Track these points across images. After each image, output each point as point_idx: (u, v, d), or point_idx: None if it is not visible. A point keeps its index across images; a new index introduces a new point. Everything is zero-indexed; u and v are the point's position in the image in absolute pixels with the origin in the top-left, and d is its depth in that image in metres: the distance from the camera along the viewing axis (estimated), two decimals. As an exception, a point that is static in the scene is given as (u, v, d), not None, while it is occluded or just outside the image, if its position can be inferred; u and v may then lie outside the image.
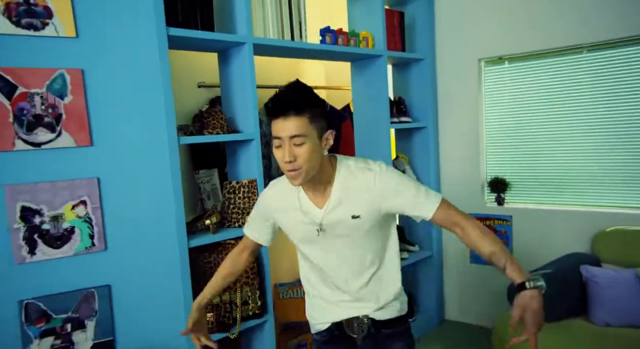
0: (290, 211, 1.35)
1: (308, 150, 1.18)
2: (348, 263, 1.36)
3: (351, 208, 1.29)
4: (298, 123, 1.17)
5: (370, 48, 2.67)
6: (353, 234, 1.32)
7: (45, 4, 1.59)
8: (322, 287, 1.43)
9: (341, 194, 1.30)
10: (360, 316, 1.39)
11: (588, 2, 2.56)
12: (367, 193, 1.28)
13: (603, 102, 2.63)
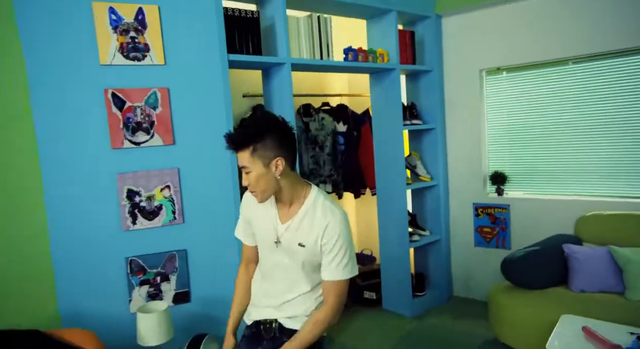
0: (263, 218, 1.56)
1: (254, 177, 1.41)
2: (286, 279, 1.55)
3: (302, 236, 1.48)
4: (242, 156, 1.41)
5: (385, 63, 3.19)
6: (296, 256, 1.50)
7: (145, 42, 2.19)
8: (260, 283, 1.65)
9: (302, 221, 1.48)
10: (274, 318, 1.59)
11: (570, 23, 3.03)
12: (318, 229, 1.46)
13: (587, 109, 3.09)
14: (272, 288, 1.60)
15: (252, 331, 1.65)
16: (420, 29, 3.53)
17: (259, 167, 1.41)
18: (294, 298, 1.56)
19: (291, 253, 1.52)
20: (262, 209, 1.56)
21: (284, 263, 1.55)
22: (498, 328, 2.82)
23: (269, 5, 2.63)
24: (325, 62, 2.86)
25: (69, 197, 2.12)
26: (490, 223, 3.53)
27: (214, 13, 2.33)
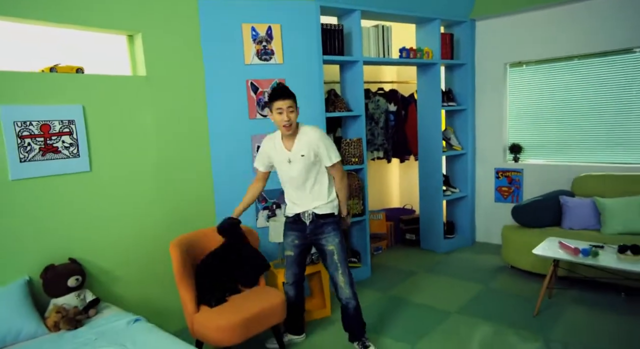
0: (275, 150, 2.56)
1: (294, 115, 2.43)
2: (300, 179, 2.51)
3: (301, 150, 2.46)
4: (290, 102, 2.40)
5: (430, 58, 4.20)
6: (301, 164, 2.47)
7: (272, 48, 3.30)
8: (290, 192, 2.61)
9: (299, 144, 2.47)
10: (308, 210, 2.57)
11: (574, 28, 3.94)
12: (310, 142, 2.45)
13: (586, 96, 4.02)
14: (294, 196, 2.61)
15: (294, 219, 2.63)
16: (457, 31, 4.51)
17: (295, 110, 2.45)
18: (315, 196, 2.56)
19: (299, 166, 2.48)
20: (276, 148, 2.56)
21: (295, 170, 2.50)
22: (507, 255, 3.88)
23: (348, 19, 3.69)
24: (387, 59, 3.91)
25: (224, 151, 3.29)
26: (508, 183, 4.54)
27: (315, 28, 3.42)
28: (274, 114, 2.44)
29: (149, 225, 2.97)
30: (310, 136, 2.48)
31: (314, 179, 2.55)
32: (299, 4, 3.36)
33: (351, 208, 2.69)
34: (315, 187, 2.56)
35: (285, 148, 2.53)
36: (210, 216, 3.30)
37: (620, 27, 3.73)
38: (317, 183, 2.56)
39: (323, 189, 2.58)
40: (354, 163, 3.78)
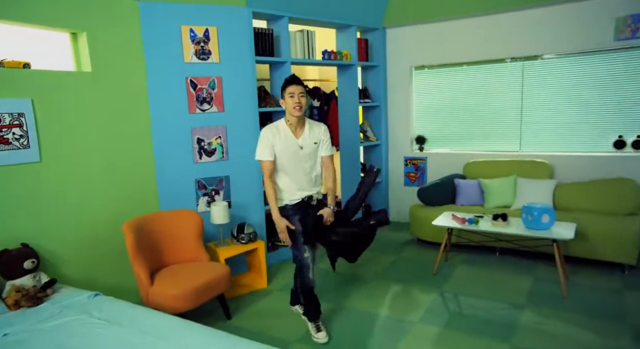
0: (280, 137, 2.74)
1: (304, 100, 2.70)
2: (308, 165, 2.80)
3: (314, 138, 2.80)
4: (300, 88, 2.69)
5: (348, 60, 4.78)
6: (312, 151, 2.80)
7: (209, 49, 3.63)
8: (294, 179, 2.80)
9: (308, 132, 2.79)
10: (313, 194, 2.87)
11: (466, 38, 4.76)
12: (319, 133, 2.82)
13: (474, 95, 4.88)
14: (303, 182, 2.84)
15: (298, 204, 2.85)
16: (371, 37, 5.15)
17: (305, 96, 2.73)
18: (316, 184, 2.89)
19: (309, 151, 2.79)
20: (281, 137, 2.76)
21: (303, 163, 2.79)
22: (414, 229, 4.63)
23: (277, 24, 4.12)
24: (311, 60, 4.41)
25: (165, 142, 3.57)
26: (414, 170, 5.31)
27: (248, 31, 3.80)
28: (286, 98, 2.70)
29: (97, 210, 3.19)
30: (319, 128, 2.85)
31: (318, 167, 2.88)
32: (233, 9, 3.71)
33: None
34: (317, 173, 2.88)
35: (295, 136, 2.78)
36: (154, 201, 3.57)
37: (496, 41, 4.60)
38: (317, 170, 2.88)
39: (320, 176, 2.92)
40: (284, 153, 4.25)
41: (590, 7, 4.11)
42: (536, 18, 4.37)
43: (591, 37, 4.15)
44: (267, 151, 2.76)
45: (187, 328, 2.18)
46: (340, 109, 5.11)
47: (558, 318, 2.96)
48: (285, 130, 2.79)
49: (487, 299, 3.29)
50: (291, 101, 2.69)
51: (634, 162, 4.09)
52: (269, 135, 2.77)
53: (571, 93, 4.37)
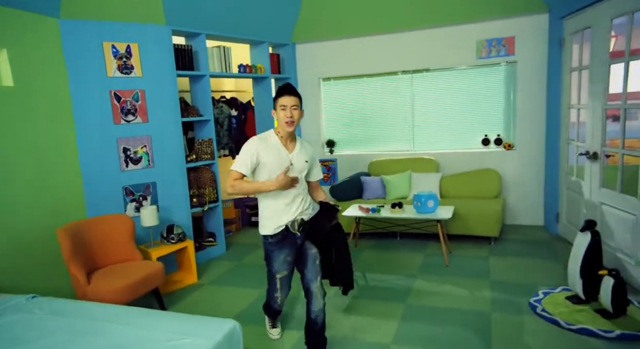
0: (269, 149, 2.40)
1: (298, 113, 2.37)
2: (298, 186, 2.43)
3: (305, 156, 2.49)
4: (295, 99, 2.35)
5: (262, 73, 5.27)
6: (301, 169, 2.46)
7: (132, 64, 3.89)
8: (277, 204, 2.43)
9: (300, 149, 2.48)
10: (297, 218, 2.45)
11: (363, 53, 5.49)
12: (311, 152, 2.55)
13: (373, 103, 5.63)
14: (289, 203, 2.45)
15: (283, 235, 2.46)
16: (282, 52, 5.69)
17: (299, 109, 2.40)
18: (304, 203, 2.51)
19: (299, 169, 2.46)
20: (271, 149, 2.41)
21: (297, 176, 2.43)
22: (328, 222, 5.22)
23: (196, 41, 4.47)
24: (228, 73, 4.82)
25: (91, 152, 3.75)
26: (326, 170, 5.94)
27: (168, 47, 4.11)
28: (278, 110, 2.38)
29: (24, 220, 3.30)
30: (311, 148, 2.60)
31: (305, 190, 2.58)
32: (154, 27, 4.01)
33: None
34: (305, 192, 2.56)
35: (286, 149, 2.47)
36: (81, 209, 3.73)
37: (390, 57, 5.40)
38: (304, 192, 2.55)
39: (308, 201, 2.58)
40: (207, 159, 4.60)
41: (461, 30, 5.05)
42: (422, 38, 5.23)
43: (462, 54, 5.09)
44: (244, 164, 2.41)
45: (134, 311, 2.50)
46: (257, 118, 5.56)
47: (441, 281, 3.71)
48: (275, 141, 2.46)
49: (388, 274, 3.96)
50: (282, 114, 2.36)
51: (496, 156, 5.09)
52: (255, 145, 2.42)
53: (450, 100, 5.29)
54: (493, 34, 4.94)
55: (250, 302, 3.53)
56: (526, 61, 4.85)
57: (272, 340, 2.93)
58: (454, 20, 4.99)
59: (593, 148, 3.77)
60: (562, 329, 2.81)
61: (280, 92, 2.39)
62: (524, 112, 4.94)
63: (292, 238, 2.49)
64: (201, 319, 2.39)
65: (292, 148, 2.49)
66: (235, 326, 2.33)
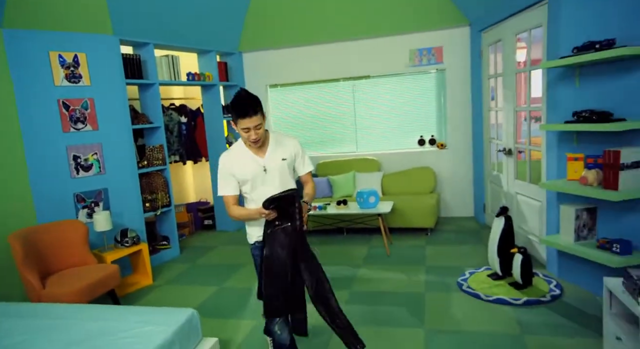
0: (240, 161, 2.26)
1: (262, 130, 2.18)
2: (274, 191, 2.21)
3: (282, 154, 2.30)
4: (257, 118, 2.10)
5: (210, 81, 5.46)
6: (279, 171, 2.28)
7: (80, 73, 3.97)
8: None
9: (274, 148, 2.28)
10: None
11: (306, 63, 5.84)
12: (289, 146, 2.33)
13: (318, 108, 5.98)
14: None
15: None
16: (230, 60, 5.91)
17: (263, 124, 2.15)
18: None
19: (275, 170, 2.28)
20: (242, 162, 2.27)
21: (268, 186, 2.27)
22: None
23: (144, 50, 4.61)
24: (177, 81, 4.98)
25: (40, 161, 3.79)
26: (276, 173, 6.21)
27: (117, 57, 4.22)
28: (239, 130, 2.18)
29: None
30: (289, 141, 2.39)
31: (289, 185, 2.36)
32: (101, 37, 4.11)
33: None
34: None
35: (258, 155, 2.30)
36: (31, 216, 3.76)
37: (332, 64, 5.77)
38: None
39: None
40: (158, 165, 4.73)
41: (396, 41, 5.51)
42: (362, 47, 5.65)
43: (398, 62, 5.56)
44: (229, 185, 2.33)
45: (94, 307, 2.64)
46: (207, 124, 5.74)
47: (382, 269, 4.09)
48: (243, 150, 2.31)
49: (335, 266, 4.29)
50: (246, 135, 2.19)
51: (431, 155, 5.60)
52: (225, 164, 2.33)
53: (389, 105, 5.74)
54: (424, 44, 5.44)
55: (205, 298, 3.72)
56: (453, 69, 5.40)
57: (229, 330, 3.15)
58: (389, 32, 5.45)
59: (508, 145, 4.32)
60: (482, 301, 3.26)
61: (238, 113, 2.12)
62: (453, 115, 5.48)
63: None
64: (161, 309, 2.59)
65: (264, 152, 2.30)
66: (194, 313, 2.55)
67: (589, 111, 2.88)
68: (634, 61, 2.75)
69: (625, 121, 2.75)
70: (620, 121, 2.74)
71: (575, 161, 3.13)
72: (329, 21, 5.50)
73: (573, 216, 3.07)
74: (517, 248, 3.39)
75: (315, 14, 5.47)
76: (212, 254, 4.92)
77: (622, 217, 2.94)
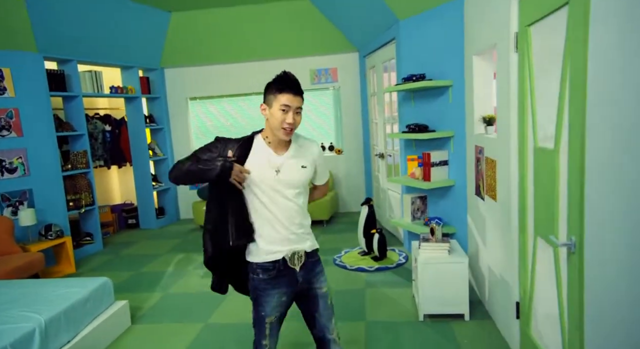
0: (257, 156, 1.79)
1: (300, 119, 1.78)
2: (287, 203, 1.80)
3: (302, 160, 1.84)
4: (299, 100, 1.75)
5: (133, 94, 6.07)
6: (294, 177, 1.80)
7: (4, 85, 4.47)
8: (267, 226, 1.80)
9: (294, 151, 1.84)
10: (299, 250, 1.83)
11: (218, 79, 6.62)
12: (313, 154, 1.89)
13: (233, 120, 6.76)
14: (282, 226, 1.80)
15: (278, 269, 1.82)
16: (152, 75, 6.55)
17: (300, 112, 1.78)
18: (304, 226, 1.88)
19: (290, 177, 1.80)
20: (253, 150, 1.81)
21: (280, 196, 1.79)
22: (197, 219, 6.17)
23: (68, 66, 5.16)
24: (100, 94, 5.55)
25: (-33, 163, 4.25)
26: (197, 176, 6.87)
27: (41, 72, 4.76)
28: (274, 109, 1.75)
29: None
30: (313, 147, 1.95)
31: (305, 203, 1.92)
32: (26, 54, 4.64)
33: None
34: (305, 213, 1.92)
35: (275, 152, 1.83)
36: (-41, 215, 4.19)
37: (244, 81, 6.60)
38: (305, 208, 1.93)
39: (309, 216, 1.95)
40: (82, 168, 5.26)
41: (299, 62, 6.44)
42: (271, 66, 6.50)
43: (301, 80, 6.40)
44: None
45: (17, 281, 3.22)
46: (130, 133, 6.32)
47: (279, 252, 4.93)
48: (260, 144, 1.85)
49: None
50: (281, 117, 1.75)
51: (330, 159, 6.57)
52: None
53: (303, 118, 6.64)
54: (322, 65, 6.43)
55: (124, 279, 4.34)
56: (347, 87, 6.42)
57: (141, 300, 3.82)
58: (294, 54, 6.37)
59: (381, 150, 5.36)
60: (347, 270, 4.20)
61: (281, 86, 1.74)
62: (348, 125, 6.50)
63: (290, 273, 1.86)
64: (79, 278, 3.24)
65: (284, 149, 1.85)
66: (107, 281, 3.22)
67: (415, 124, 3.93)
68: (440, 90, 3.84)
69: (434, 131, 3.82)
70: (431, 132, 3.81)
71: (412, 161, 4.18)
72: (243, 43, 6.33)
73: (410, 202, 4.10)
74: (376, 229, 4.38)
75: (231, 36, 6.26)
76: (134, 248, 5.51)
77: (439, 202, 4.02)
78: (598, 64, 1.50)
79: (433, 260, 3.06)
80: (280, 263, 1.83)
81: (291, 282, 1.86)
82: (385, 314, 3.27)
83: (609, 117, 1.47)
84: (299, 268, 1.86)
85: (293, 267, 1.84)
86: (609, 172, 1.49)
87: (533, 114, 2.16)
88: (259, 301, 1.86)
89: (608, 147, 1.49)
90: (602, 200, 1.53)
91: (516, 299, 2.55)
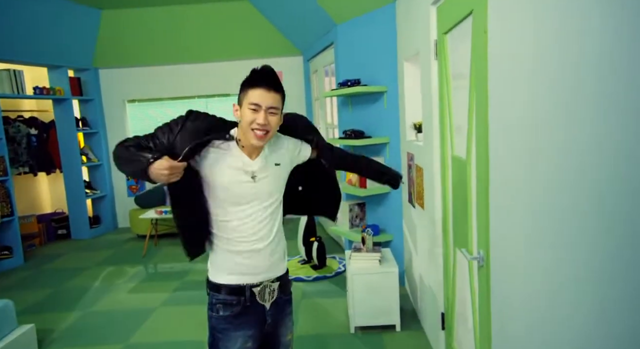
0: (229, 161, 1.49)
1: (277, 121, 1.44)
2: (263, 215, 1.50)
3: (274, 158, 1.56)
4: (275, 98, 1.40)
5: (62, 95, 5.66)
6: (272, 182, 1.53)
7: None
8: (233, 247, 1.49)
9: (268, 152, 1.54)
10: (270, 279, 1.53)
11: (169, 78, 6.32)
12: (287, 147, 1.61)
13: (174, 122, 6.47)
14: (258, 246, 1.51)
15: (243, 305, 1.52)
16: (84, 75, 6.16)
17: (280, 115, 1.46)
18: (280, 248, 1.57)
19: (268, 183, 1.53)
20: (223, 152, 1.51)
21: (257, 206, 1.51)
22: (134, 228, 5.84)
23: (-18, 64, 4.73)
24: (21, 95, 5.14)
25: None
26: (135, 183, 6.53)
27: (-51, 70, 4.32)
28: (244, 109, 1.47)
29: None
30: (287, 141, 1.66)
31: (280, 214, 1.61)
32: None
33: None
34: (280, 229, 1.60)
35: (246, 154, 1.54)
36: None
37: (187, 83, 6.33)
38: (280, 222, 1.60)
39: (283, 235, 1.64)
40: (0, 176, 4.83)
41: (245, 64, 6.11)
42: (215, 69, 6.29)
43: (245, 84, 6.30)
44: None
45: None
46: (60, 137, 5.89)
47: (217, 263, 4.72)
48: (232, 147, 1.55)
49: (177, 262, 4.82)
50: (250, 117, 1.45)
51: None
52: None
53: (238, 121, 6.45)
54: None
55: (41, 298, 3.99)
56: (293, 90, 6.28)
57: (54, 321, 3.50)
58: (239, 56, 6.17)
59: (324, 156, 5.27)
60: (284, 281, 4.05)
61: (252, 81, 1.46)
62: (293, 130, 6.37)
63: (258, 311, 1.57)
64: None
65: (255, 156, 1.55)
66: (7, 303, 2.91)
67: (352, 130, 3.86)
68: (376, 95, 3.79)
69: (370, 138, 3.76)
70: (367, 138, 3.74)
71: (350, 168, 4.10)
72: (184, 45, 6.06)
73: (347, 209, 4.02)
74: (315, 238, 4.26)
75: (170, 37, 5.98)
76: (60, 261, 5.11)
77: (377, 209, 3.96)
78: (499, 69, 1.45)
79: (363, 271, 2.98)
80: (247, 298, 1.52)
81: (259, 321, 1.56)
82: (316, 327, 3.15)
83: (510, 126, 1.42)
84: (269, 305, 1.57)
85: (262, 303, 1.55)
86: (512, 183, 1.43)
87: (450, 122, 2.12)
88: (217, 346, 1.54)
89: (510, 157, 1.43)
90: (507, 212, 1.48)
91: (442, 310, 2.50)
